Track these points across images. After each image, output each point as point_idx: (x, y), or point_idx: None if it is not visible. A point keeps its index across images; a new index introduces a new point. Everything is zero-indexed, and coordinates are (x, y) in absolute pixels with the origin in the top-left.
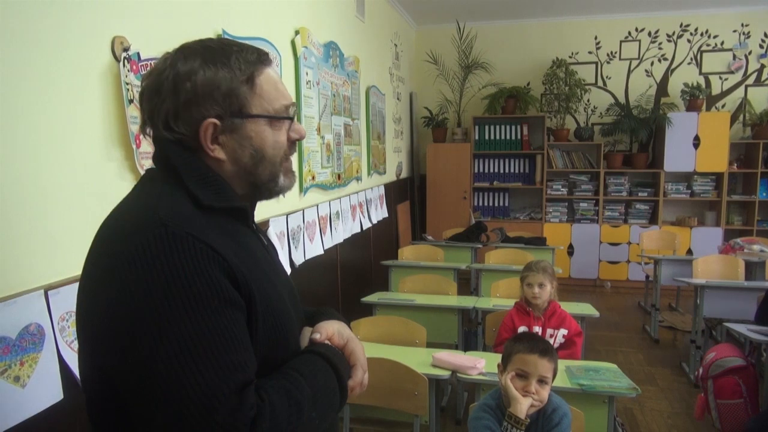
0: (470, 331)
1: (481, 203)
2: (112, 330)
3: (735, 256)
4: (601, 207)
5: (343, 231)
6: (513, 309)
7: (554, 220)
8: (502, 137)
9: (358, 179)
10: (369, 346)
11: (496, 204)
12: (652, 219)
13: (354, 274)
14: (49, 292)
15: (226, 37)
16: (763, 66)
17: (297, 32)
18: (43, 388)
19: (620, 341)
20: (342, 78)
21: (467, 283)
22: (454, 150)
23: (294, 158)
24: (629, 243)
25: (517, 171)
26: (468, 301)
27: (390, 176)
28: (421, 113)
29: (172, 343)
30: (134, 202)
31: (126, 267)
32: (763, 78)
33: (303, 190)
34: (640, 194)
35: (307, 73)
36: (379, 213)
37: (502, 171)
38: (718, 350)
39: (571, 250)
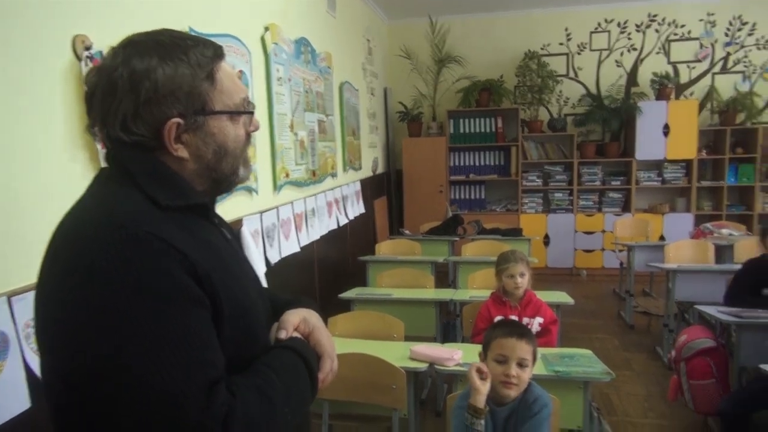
0: (449, 323)
1: (457, 196)
2: (74, 335)
3: (705, 240)
4: (575, 197)
5: (320, 228)
6: (489, 299)
7: (530, 210)
8: (477, 130)
9: (334, 175)
10: (347, 342)
11: (473, 197)
12: (625, 207)
13: (332, 271)
14: (13, 299)
15: (193, 33)
16: (728, 54)
17: (266, 28)
18: (8, 397)
19: (596, 328)
20: (314, 74)
21: (445, 276)
22: (429, 144)
23: (267, 155)
24: (603, 231)
25: (492, 163)
26: (445, 294)
27: (366, 172)
28: (395, 108)
29: (137, 345)
30: (90, 204)
31: (86, 272)
32: (728, 66)
33: (277, 188)
34: (613, 183)
35: (278, 70)
36: (356, 209)
37: (477, 164)
38: (690, 333)
39: (547, 240)
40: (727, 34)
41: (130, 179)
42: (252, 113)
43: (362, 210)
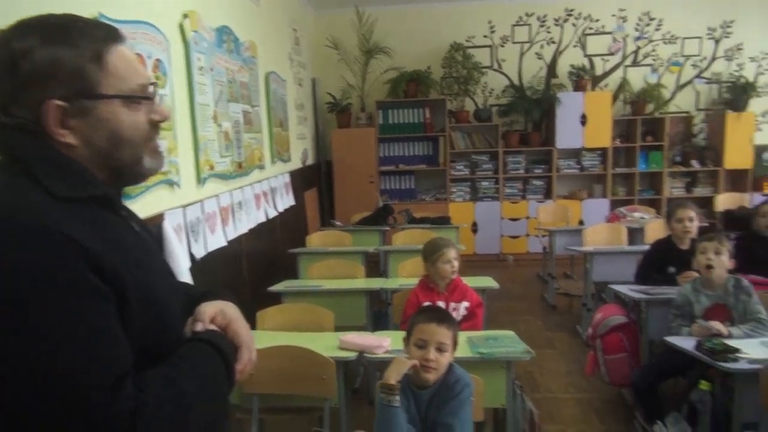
0: (380, 312)
1: (387, 186)
2: None
3: (619, 224)
4: (501, 185)
5: (248, 221)
6: (417, 286)
7: (458, 199)
8: (406, 120)
9: (261, 167)
10: (275, 335)
11: (403, 186)
12: (548, 194)
13: (262, 264)
14: None
15: (104, 20)
16: (638, 48)
17: (185, 16)
18: None
19: (522, 311)
20: (238, 64)
21: (376, 266)
22: (358, 135)
23: (189, 147)
24: (528, 218)
25: (421, 153)
26: (375, 283)
27: (295, 163)
28: (324, 99)
29: (39, 343)
30: None
31: None
32: (639, 59)
33: (201, 181)
34: (535, 171)
35: (199, 59)
36: (285, 201)
37: (406, 154)
38: (604, 311)
39: (475, 228)
40: (637, 29)
41: (24, 168)
42: (149, 99)
43: (292, 202)
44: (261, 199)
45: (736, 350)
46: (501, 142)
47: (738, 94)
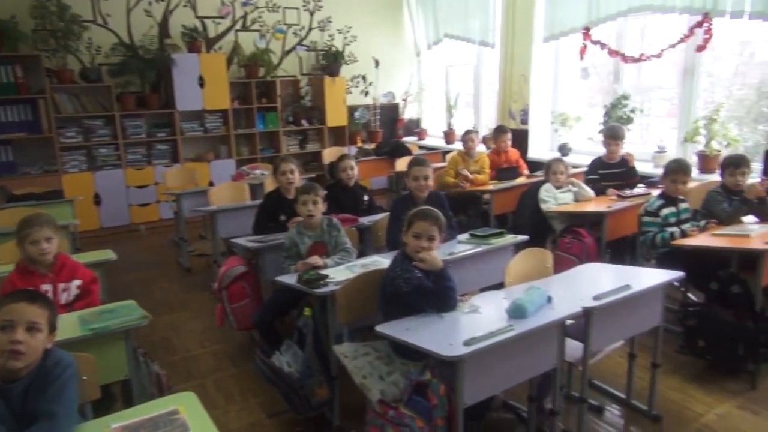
0: None
1: None
2: None
3: (243, 182)
4: (122, 151)
5: None
6: (13, 272)
7: (73, 170)
8: None
9: None
10: None
11: None
12: (174, 158)
13: None
14: None
15: None
16: (246, 13)
17: None
18: None
19: (157, 279)
20: None
21: None
22: None
23: None
24: (156, 184)
25: (17, 119)
26: None
27: None
28: None
29: None
30: None
31: None
32: (248, 24)
33: None
34: (159, 135)
35: None
36: None
37: None
38: (227, 263)
39: (98, 200)
40: None
41: None
42: None
43: None
44: None
45: (326, 276)
46: (117, 105)
47: (331, 62)
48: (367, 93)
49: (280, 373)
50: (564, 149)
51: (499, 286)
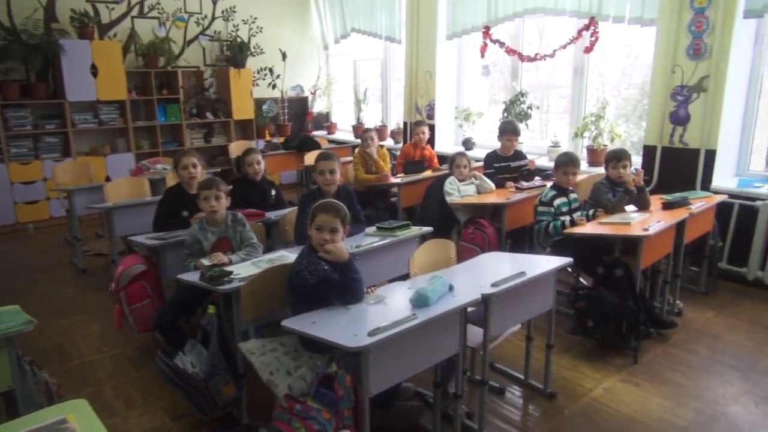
0: None
1: None
2: None
3: (142, 176)
4: (5, 144)
5: None
6: None
7: None
8: None
9: None
10: None
11: None
12: (66, 151)
13: None
14: None
15: None
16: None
17: None
18: None
19: (48, 281)
20: None
21: None
22: None
23: None
24: (45, 179)
25: None
26: None
27: None
28: None
29: None
30: None
31: None
32: (145, 11)
33: None
34: (47, 127)
35: None
36: None
37: None
38: (125, 262)
39: None
40: None
41: None
42: None
43: None
44: None
45: (230, 273)
46: None
47: (236, 53)
48: (274, 86)
49: (183, 373)
50: (468, 143)
51: (406, 277)
